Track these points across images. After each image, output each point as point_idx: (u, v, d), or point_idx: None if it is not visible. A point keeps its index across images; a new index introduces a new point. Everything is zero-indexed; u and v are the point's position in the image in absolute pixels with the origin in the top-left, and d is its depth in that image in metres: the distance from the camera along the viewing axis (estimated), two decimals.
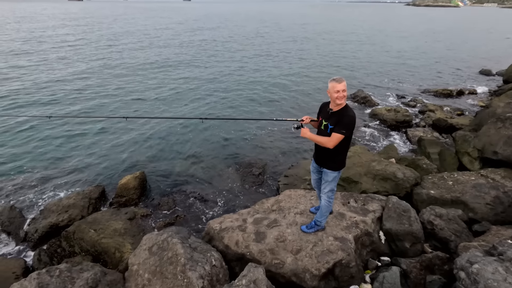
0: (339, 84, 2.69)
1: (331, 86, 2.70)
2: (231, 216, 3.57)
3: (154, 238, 3.12)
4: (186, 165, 7.28)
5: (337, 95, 2.69)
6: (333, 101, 2.76)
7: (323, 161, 2.95)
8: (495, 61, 20.32)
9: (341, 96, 2.71)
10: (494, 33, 39.28)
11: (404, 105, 11.45)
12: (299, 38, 31.63)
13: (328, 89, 2.73)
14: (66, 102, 11.14)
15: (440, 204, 4.58)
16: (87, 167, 7.07)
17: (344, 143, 2.78)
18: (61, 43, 24.16)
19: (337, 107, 2.78)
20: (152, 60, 18.81)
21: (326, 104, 2.95)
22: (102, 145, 8.11)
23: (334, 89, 2.69)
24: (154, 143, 8.24)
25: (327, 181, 2.92)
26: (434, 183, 4.97)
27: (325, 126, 2.84)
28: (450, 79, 15.84)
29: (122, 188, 6.18)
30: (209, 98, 12.05)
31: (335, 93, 2.68)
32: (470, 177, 4.91)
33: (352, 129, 2.75)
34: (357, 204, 3.46)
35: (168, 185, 6.56)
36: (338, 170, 2.91)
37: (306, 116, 3.05)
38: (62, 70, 15.58)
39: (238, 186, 6.53)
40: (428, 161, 5.77)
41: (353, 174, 5.25)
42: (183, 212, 5.81)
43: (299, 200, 3.63)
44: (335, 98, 2.70)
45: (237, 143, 8.33)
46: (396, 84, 14.82)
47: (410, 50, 24.47)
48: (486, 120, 6.40)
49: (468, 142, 5.89)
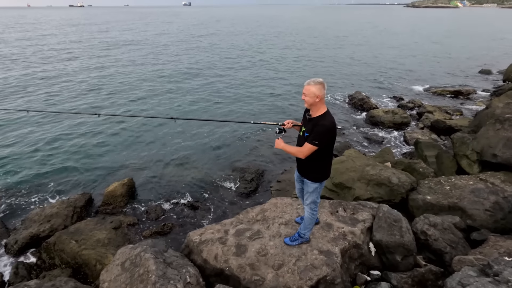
0: (304, 87, 2.51)
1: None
2: (213, 227, 3.36)
3: (128, 253, 2.92)
4: (177, 171, 7.08)
5: (302, 97, 2.53)
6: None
7: (304, 171, 2.74)
8: (495, 60, 20.10)
9: (303, 98, 2.52)
10: (493, 33, 39.06)
11: (402, 107, 11.23)
12: (298, 41, 31.56)
13: None
14: (42, 99, 11.17)
15: (436, 210, 4.37)
16: (74, 174, 6.88)
17: (323, 153, 2.56)
18: (44, 46, 24.19)
19: (314, 112, 2.56)
20: (149, 69, 18.74)
21: (308, 110, 2.70)
22: (90, 151, 7.93)
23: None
24: (143, 148, 8.06)
25: (308, 192, 2.71)
26: (430, 188, 4.74)
27: (303, 133, 2.64)
28: (449, 79, 15.63)
29: (109, 196, 5.99)
30: (184, 97, 12.05)
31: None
32: (469, 182, 4.68)
33: (326, 139, 2.50)
34: (346, 213, 3.25)
35: (157, 191, 6.37)
36: (320, 181, 2.70)
37: (288, 120, 2.83)
38: (42, 66, 15.61)
39: (229, 192, 6.32)
40: (424, 165, 5.54)
41: (346, 179, 5.03)
42: (171, 220, 5.61)
43: (285, 209, 3.42)
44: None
45: (229, 147, 8.13)
46: (394, 85, 14.62)
47: (409, 51, 24.28)
48: (485, 121, 6.17)
49: (466, 145, 5.66)
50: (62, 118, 9.78)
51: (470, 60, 20.26)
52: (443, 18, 77.80)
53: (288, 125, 2.80)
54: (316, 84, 2.45)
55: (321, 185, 2.70)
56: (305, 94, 2.49)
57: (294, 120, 2.87)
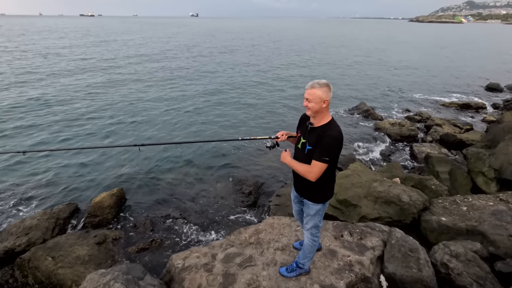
0: (306, 90, 2.09)
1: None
2: (200, 249, 2.94)
3: (97, 280, 2.50)
4: (171, 181, 6.67)
5: (304, 103, 2.11)
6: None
7: (304, 190, 2.32)
8: (502, 75, 19.72)
9: (305, 105, 2.10)
10: (499, 48, 38.85)
11: (409, 119, 10.82)
12: (304, 51, 31.56)
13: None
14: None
15: (453, 234, 3.90)
16: (61, 182, 6.50)
17: (328, 169, 2.14)
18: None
19: (317, 120, 2.14)
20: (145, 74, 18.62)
21: (307, 117, 2.27)
22: (81, 157, 7.57)
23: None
24: (138, 158, 7.67)
25: (309, 215, 2.29)
26: (445, 208, 4.28)
27: (303, 145, 2.22)
28: (456, 92, 15.23)
29: (95, 207, 5.58)
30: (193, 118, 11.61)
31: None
32: (488, 202, 4.22)
33: (335, 153, 2.09)
34: (353, 238, 2.81)
35: (148, 203, 5.95)
36: (323, 202, 2.28)
37: (281, 132, 2.40)
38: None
39: (226, 205, 5.89)
40: (437, 182, 5.09)
41: (351, 196, 4.59)
42: (160, 235, 5.17)
43: (282, 231, 2.99)
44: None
45: (227, 158, 7.73)
46: (400, 97, 14.25)
47: (414, 64, 24.01)
48: (501, 136, 5.74)
49: (482, 161, 5.22)
50: (54, 120, 9.50)
51: (477, 74, 19.90)
52: (448, 33, 78.09)
53: (283, 137, 2.37)
54: (321, 86, 2.04)
55: (324, 207, 2.29)
56: (309, 99, 2.06)
57: (288, 132, 2.44)
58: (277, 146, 2.36)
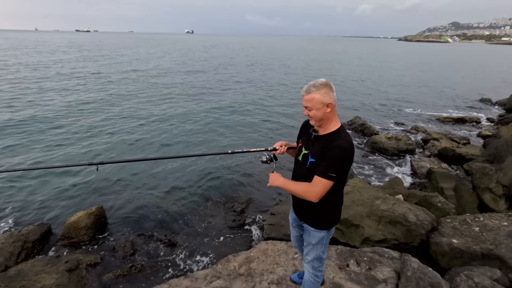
0: (303, 97, 1.74)
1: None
2: (180, 282, 2.48)
3: None
4: (157, 198, 6.17)
5: (304, 113, 1.75)
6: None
7: (304, 213, 1.90)
8: (492, 91, 20.01)
9: (305, 114, 1.76)
10: (486, 65, 40.04)
11: (405, 133, 10.62)
12: (296, 68, 31.86)
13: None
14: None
15: (467, 259, 3.51)
16: (35, 200, 5.94)
17: (335, 186, 1.74)
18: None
19: (322, 128, 1.77)
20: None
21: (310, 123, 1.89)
22: (56, 172, 7.03)
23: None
24: (121, 172, 7.18)
25: (311, 244, 1.88)
26: (455, 228, 3.91)
27: (304, 158, 1.83)
28: (449, 107, 15.25)
29: (70, 228, 5.03)
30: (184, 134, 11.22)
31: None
32: (501, 222, 3.87)
33: (345, 168, 1.72)
34: (360, 268, 2.40)
35: (130, 224, 5.42)
36: (327, 229, 1.87)
37: (280, 143, 2.00)
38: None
39: (215, 225, 5.40)
40: (443, 199, 4.74)
41: (352, 215, 4.19)
42: (141, 259, 4.64)
43: (277, 259, 2.56)
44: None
45: (217, 173, 7.28)
46: (394, 112, 14.16)
47: (405, 81, 24.31)
48: (506, 151, 5.49)
49: (489, 176, 4.91)
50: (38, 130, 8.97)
51: (468, 90, 20.15)
52: (436, 52, 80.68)
53: (281, 149, 1.97)
54: (319, 88, 1.68)
55: (329, 234, 1.88)
56: (308, 107, 1.72)
57: (287, 142, 2.05)
58: (275, 160, 1.94)
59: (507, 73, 31.57)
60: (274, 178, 1.88)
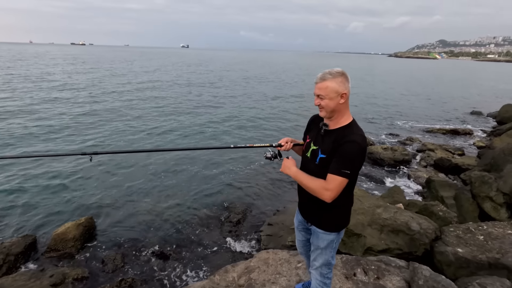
0: (316, 85, 1.64)
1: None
2: None
3: None
4: (149, 207, 5.95)
5: (315, 102, 1.65)
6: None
7: (313, 214, 1.78)
8: (482, 104, 20.49)
9: (316, 104, 1.65)
10: (473, 80, 41.27)
11: (401, 144, 10.66)
12: (293, 82, 32.29)
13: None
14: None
15: (474, 268, 3.38)
16: (19, 210, 5.65)
17: (347, 188, 1.65)
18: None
19: (333, 121, 1.67)
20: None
21: (319, 118, 1.80)
22: (43, 178, 6.77)
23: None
24: (112, 182, 6.94)
25: (319, 248, 1.75)
26: (459, 237, 3.79)
27: (313, 153, 1.72)
28: (442, 120, 15.48)
29: (57, 240, 4.77)
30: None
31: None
32: (506, 230, 3.78)
33: (359, 164, 1.61)
34: (368, 277, 2.26)
35: (121, 234, 5.17)
36: (338, 231, 1.75)
37: (285, 139, 1.87)
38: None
39: (210, 236, 5.19)
40: (444, 208, 4.66)
41: (353, 224, 4.05)
42: (132, 272, 4.38)
43: (279, 269, 2.40)
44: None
45: (212, 180, 7.11)
46: (388, 124, 14.28)
47: (397, 95, 24.74)
48: (503, 159, 5.48)
49: (488, 184, 4.86)
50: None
51: (459, 104, 20.58)
52: (425, 68, 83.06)
53: (287, 145, 1.84)
54: (335, 76, 1.59)
55: (339, 237, 1.75)
56: (321, 95, 1.61)
57: (293, 139, 1.93)
58: (279, 157, 1.83)
59: (495, 87, 32.52)
60: (287, 165, 1.75)
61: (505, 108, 13.42)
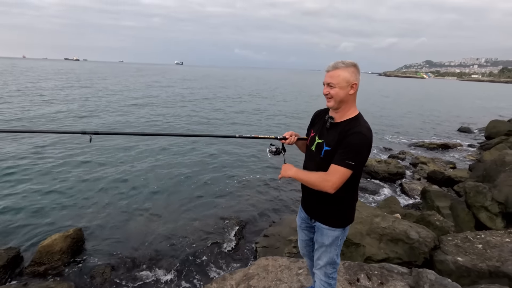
0: (326, 74, 1.62)
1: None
2: None
3: None
4: (141, 218, 5.76)
5: (323, 91, 1.64)
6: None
7: (317, 209, 1.75)
8: (469, 120, 21.08)
9: (325, 93, 1.64)
10: (459, 98, 42.70)
11: (394, 158, 10.76)
12: (283, 98, 32.77)
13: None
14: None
15: (475, 277, 3.34)
16: (3, 220, 5.39)
17: (352, 179, 1.61)
18: None
19: (339, 114, 1.66)
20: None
21: (324, 112, 1.81)
22: (29, 188, 6.53)
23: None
24: (102, 189, 6.75)
25: (323, 246, 1.71)
26: (458, 246, 3.76)
27: (318, 147, 1.70)
28: (432, 135, 15.79)
29: (43, 252, 4.53)
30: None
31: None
32: (503, 239, 3.77)
33: (364, 156, 1.59)
34: (372, 282, 2.19)
35: (111, 246, 4.96)
36: (343, 227, 1.72)
37: (290, 132, 1.85)
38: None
39: (204, 249, 5.01)
40: (441, 217, 4.64)
41: (352, 233, 3.99)
42: (122, 286, 4.17)
43: (279, 276, 2.31)
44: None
45: (206, 192, 6.99)
46: (381, 138, 14.47)
47: (388, 110, 25.29)
48: (496, 170, 5.55)
49: (483, 194, 4.90)
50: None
51: (448, 120, 21.10)
52: (414, 86, 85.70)
53: (291, 139, 1.82)
54: (348, 66, 1.58)
55: (344, 234, 1.72)
56: (332, 84, 1.59)
57: (297, 133, 1.90)
58: (283, 152, 1.81)
59: (481, 105, 33.63)
60: (286, 168, 1.74)
61: (493, 124, 13.81)
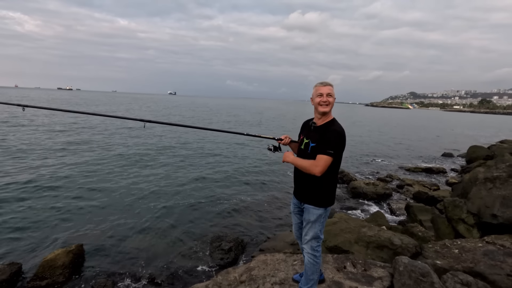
0: (324, 87, 2.20)
1: (314, 90, 2.22)
2: None
3: None
4: (142, 235, 5.95)
5: (319, 99, 2.18)
6: (316, 111, 2.24)
7: (305, 193, 2.23)
8: (451, 146, 22.15)
9: (324, 100, 2.18)
10: (443, 127, 44.74)
11: (381, 180, 11.27)
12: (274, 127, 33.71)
13: (312, 95, 2.24)
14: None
15: None
16: (7, 235, 5.50)
17: (331, 168, 2.13)
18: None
19: (321, 120, 2.23)
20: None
21: (308, 121, 2.42)
22: (33, 203, 6.67)
23: (317, 92, 2.20)
24: (103, 207, 6.93)
25: (310, 222, 2.15)
26: (437, 251, 4.14)
27: (306, 145, 2.25)
28: (417, 160, 16.52)
29: (45, 267, 4.66)
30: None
31: (318, 97, 2.18)
32: (477, 244, 4.18)
33: (341, 149, 2.15)
34: (356, 269, 2.54)
35: (113, 262, 5.11)
36: (325, 207, 2.17)
37: (285, 135, 2.45)
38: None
39: (202, 263, 5.21)
40: (423, 228, 5.05)
41: (342, 242, 4.34)
42: None
43: (277, 267, 2.65)
44: (318, 104, 2.19)
45: (204, 210, 7.23)
46: (366, 162, 15.09)
47: (375, 138, 26.34)
48: (469, 186, 6.08)
49: (460, 208, 5.36)
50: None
51: (432, 147, 22.12)
52: (400, 116, 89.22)
53: (286, 140, 2.41)
54: (331, 85, 2.22)
55: (326, 213, 2.16)
56: (331, 94, 2.19)
57: (290, 137, 2.49)
58: (279, 150, 2.33)
59: (462, 133, 35.35)
60: (287, 154, 2.27)
61: (472, 149, 14.68)
